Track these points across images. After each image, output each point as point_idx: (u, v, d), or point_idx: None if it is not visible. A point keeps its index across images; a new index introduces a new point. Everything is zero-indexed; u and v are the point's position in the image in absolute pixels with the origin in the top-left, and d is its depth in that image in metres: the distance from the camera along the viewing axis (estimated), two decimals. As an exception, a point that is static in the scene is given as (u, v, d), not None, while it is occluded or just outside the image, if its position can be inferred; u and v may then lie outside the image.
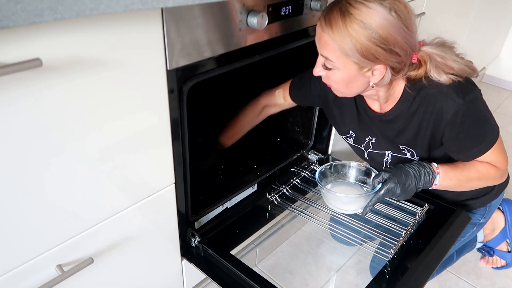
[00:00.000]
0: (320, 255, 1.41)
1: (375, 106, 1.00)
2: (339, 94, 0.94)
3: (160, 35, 0.66)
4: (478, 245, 1.40)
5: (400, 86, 0.92)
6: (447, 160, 0.98)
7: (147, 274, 0.94)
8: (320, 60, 0.87)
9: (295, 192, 1.18)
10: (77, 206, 0.69)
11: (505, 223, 1.36)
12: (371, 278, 0.91)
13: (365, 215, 0.96)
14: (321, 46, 0.84)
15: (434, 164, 0.94)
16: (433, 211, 1.07)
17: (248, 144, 1.38)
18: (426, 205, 1.07)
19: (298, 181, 1.22)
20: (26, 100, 0.54)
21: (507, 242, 1.37)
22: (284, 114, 1.32)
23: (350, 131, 1.10)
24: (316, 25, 1.00)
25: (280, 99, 1.17)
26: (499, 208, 1.39)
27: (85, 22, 0.55)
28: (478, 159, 0.94)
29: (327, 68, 0.86)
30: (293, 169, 1.28)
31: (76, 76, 0.58)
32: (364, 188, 1.05)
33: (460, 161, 0.96)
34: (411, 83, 0.90)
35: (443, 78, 0.86)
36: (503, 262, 1.38)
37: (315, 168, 1.29)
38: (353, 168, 1.08)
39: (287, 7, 0.88)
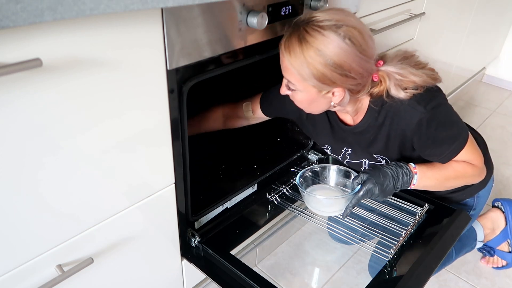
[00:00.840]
0: (320, 255, 1.41)
1: (347, 118, 1.04)
2: (306, 111, 0.98)
3: (160, 35, 0.66)
4: (479, 244, 1.40)
5: (365, 100, 0.96)
6: (424, 160, 1.00)
7: (147, 274, 0.94)
8: (284, 81, 0.91)
9: (295, 192, 1.18)
10: (77, 206, 0.69)
11: (506, 223, 1.36)
12: (370, 278, 0.91)
13: (345, 217, 0.99)
14: (283, 69, 0.88)
15: (412, 164, 0.97)
16: (433, 211, 1.07)
17: (248, 144, 1.38)
18: (426, 205, 1.07)
19: (298, 181, 1.22)
20: (26, 100, 0.54)
21: (508, 242, 1.37)
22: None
23: (326, 144, 1.14)
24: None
25: (248, 112, 1.19)
26: (499, 208, 1.39)
27: (85, 22, 0.55)
28: (453, 159, 0.97)
29: (290, 89, 0.90)
30: (293, 169, 1.28)
31: (76, 76, 0.58)
32: (344, 190, 1.07)
33: (436, 162, 0.99)
34: (374, 98, 0.93)
35: (402, 95, 0.89)
36: (503, 262, 1.38)
37: (315, 168, 1.29)
38: (333, 171, 1.10)
39: (287, 7, 0.88)
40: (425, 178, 0.97)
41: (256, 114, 1.19)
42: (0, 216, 0.59)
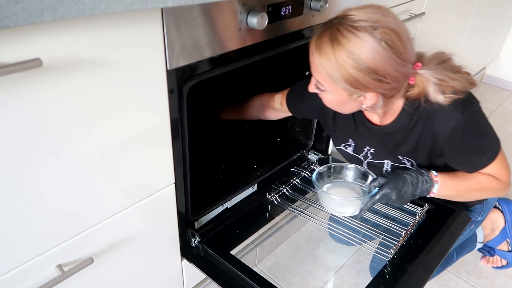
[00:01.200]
0: (320, 255, 1.41)
1: (374, 118, 0.99)
2: (335, 110, 0.95)
3: (160, 35, 0.66)
4: (479, 245, 1.40)
5: (399, 102, 0.91)
6: (448, 168, 0.97)
7: (147, 274, 0.94)
8: (313, 80, 0.88)
9: (295, 192, 1.18)
10: (77, 206, 0.69)
11: (505, 223, 1.36)
12: (371, 278, 0.91)
13: (359, 218, 0.96)
14: (312, 68, 0.85)
15: (433, 172, 0.93)
16: (433, 211, 1.07)
17: (248, 144, 1.38)
18: (426, 205, 1.07)
19: (298, 181, 1.22)
20: (26, 100, 0.54)
21: (507, 241, 1.37)
22: (284, 114, 1.32)
23: (350, 140, 1.09)
24: (315, 25, 1.00)
25: (277, 104, 1.16)
26: (498, 208, 1.39)
27: (85, 22, 0.55)
28: (480, 171, 0.93)
29: (319, 88, 0.87)
30: (293, 169, 1.28)
31: (76, 76, 0.58)
32: (361, 191, 1.05)
33: (461, 172, 0.95)
34: (410, 101, 0.89)
35: (441, 99, 0.84)
36: (504, 262, 1.38)
37: (315, 168, 1.29)
38: (351, 170, 1.07)
39: (287, 7, 0.88)
40: (446, 187, 0.93)
41: (284, 107, 1.15)
42: (0, 216, 0.59)
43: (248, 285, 0.88)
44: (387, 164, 1.04)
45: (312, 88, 0.89)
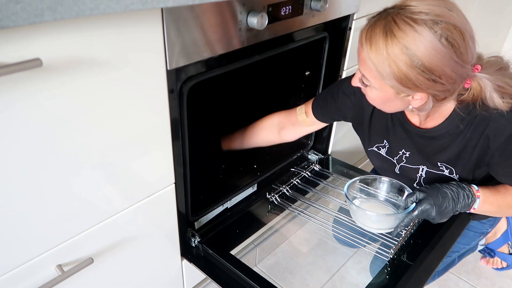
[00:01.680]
0: (320, 255, 1.41)
1: (414, 119, 0.93)
2: (377, 107, 0.88)
3: (160, 35, 0.66)
4: (480, 247, 1.40)
5: (449, 105, 0.84)
6: (487, 179, 0.92)
7: (147, 274, 0.94)
8: (358, 74, 0.82)
9: (295, 192, 1.18)
10: (77, 206, 0.69)
11: (507, 226, 1.36)
12: (371, 278, 0.91)
13: (395, 235, 0.90)
14: (359, 61, 0.78)
15: (474, 187, 0.87)
16: (433, 211, 1.07)
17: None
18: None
19: (298, 181, 1.22)
20: (26, 100, 0.54)
21: (508, 244, 1.37)
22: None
23: (385, 141, 1.01)
24: (316, 25, 1.00)
25: (302, 116, 1.10)
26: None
27: (85, 22, 0.55)
28: None
29: (363, 83, 0.81)
30: (293, 169, 1.28)
31: (76, 76, 0.58)
32: (397, 206, 0.98)
33: (502, 185, 0.89)
34: (463, 105, 0.82)
35: (499, 104, 0.77)
36: (504, 264, 1.38)
37: (315, 168, 1.29)
38: (385, 183, 0.99)
39: (287, 7, 0.88)
40: (488, 203, 0.86)
41: (309, 116, 1.09)
42: (2, 216, 0.59)
43: (248, 285, 0.88)
44: (422, 170, 0.97)
45: (355, 82, 0.83)
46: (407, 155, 0.98)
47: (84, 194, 0.69)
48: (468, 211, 0.88)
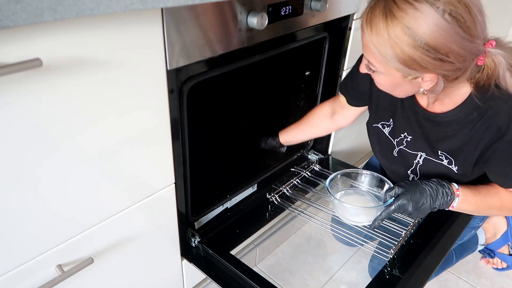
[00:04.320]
0: (320, 255, 1.41)
1: (423, 101, 0.90)
2: (388, 92, 0.86)
3: (160, 35, 0.66)
4: (480, 247, 1.40)
5: (465, 89, 0.81)
6: (481, 178, 0.91)
7: (147, 274, 0.94)
8: (364, 60, 0.80)
9: (295, 192, 1.18)
10: (77, 206, 0.69)
11: (507, 227, 1.36)
12: (371, 278, 0.91)
13: (373, 228, 0.91)
14: (363, 46, 0.76)
15: (455, 185, 0.87)
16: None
17: (248, 144, 1.38)
18: (426, 205, 1.07)
19: (298, 181, 1.22)
20: (26, 100, 0.54)
21: (508, 245, 1.37)
22: (284, 113, 1.32)
23: (391, 119, 0.98)
24: (316, 25, 1.00)
25: (343, 99, 1.10)
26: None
27: (85, 22, 0.55)
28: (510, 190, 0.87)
29: (370, 69, 0.79)
30: (293, 169, 1.28)
31: (76, 76, 0.58)
32: (377, 200, 1.00)
33: (484, 186, 0.89)
34: (479, 90, 0.79)
35: (510, 85, 0.74)
36: (504, 265, 1.38)
37: (315, 168, 1.29)
38: (367, 177, 1.02)
39: (287, 7, 0.88)
40: (467, 203, 0.86)
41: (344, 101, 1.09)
42: (2, 216, 0.59)
43: (248, 285, 0.88)
44: (421, 157, 0.95)
45: (363, 69, 0.82)
46: (409, 139, 0.96)
47: (84, 194, 0.69)
48: (446, 209, 0.88)
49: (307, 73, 1.22)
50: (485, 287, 1.34)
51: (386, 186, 0.97)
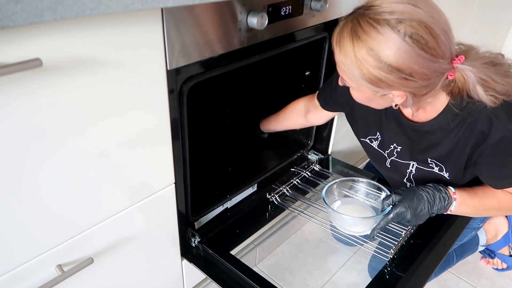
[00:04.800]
0: (320, 255, 1.41)
1: (407, 111, 0.92)
2: (364, 104, 0.88)
3: (160, 35, 0.66)
4: (480, 248, 1.40)
5: (442, 98, 0.83)
6: (474, 181, 0.92)
7: (147, 274, 0.94)
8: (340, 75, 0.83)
9: (295, 192, 1.18)
10: (77, 206, 0.69)
11: (508, 228, 1.36)
12: (371, 278, 0.91)
13: (372, 237, 0.91)
14: (336, 63, 0.79)
15: (451, 189, 0.87)
16: (433, 211, 1.07)
17: (248, 144, 1.38)
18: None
19: (298, 181, 1.22)
20: (25, 100, 0.54)
21: (509, 246, 1.37)
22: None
23: (378, 133, 1.01)
24: (316, 25, 1.00)
25: (317, 101, 1.12)
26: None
27: (85, 22, 0.55)
28: (507, 189, 0.87)
29: (344, 84, 0.82)
30: (293, 169, 1.28)
31: (76, 76, 0.58)
32: (374, 208, 0.99)
33: (481, 188, 0.90)
34: (455, 99, 0.81)
35: (483, 97, 0.75)
36: (504, 265, 1.38)
37: (315, 168, 1.29)
38: (364, 185, 1.01)
39: (287, 7, 0.88)
40: (464, 205, 0.87)
41: (318, 105, 1.12)
42: (3, 216, 0.59)
43: (248, 285, 0.88)
44: (413, 166, 0.97)
45: (340, 82, 0.84)
46: (398, 149, 0.97)
47: (84, 194, 0.69)
48: (445, 213, 0.88)
49: (307, 73, 1.22)
50: (485, 287, 1.34)
51: (383, 194, 0.96)
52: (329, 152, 1.37)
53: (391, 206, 0.87)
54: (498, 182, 0.86)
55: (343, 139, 1.40)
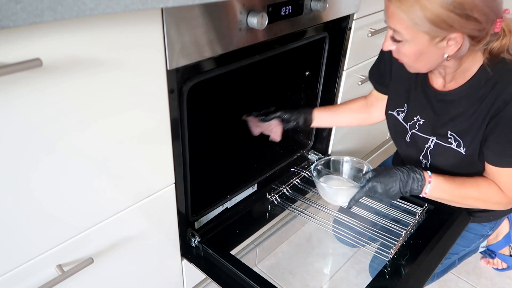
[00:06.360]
0: (320, 255, 1.41)
1: (438, 83, 0.92)
2: (411, 70, 0.87)
3: (160, 35, 0.66)
4: (481, 249, 1.40)
5: (476, 62, 0.83)
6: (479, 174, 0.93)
7: (147, 274, 0.94)
8: (388, 33, 0.82)
9: (295, 192, 1.18)
10: (77, 206, 0.69)
11: (509, 229, 1.36)
12: (371, 278, 0.91)
13: (349, 208, 0.96)
14: (388, 16, 0.78)
15: (428, 172, 0.90)
16: (433, 211, 1.07)
17: (248, 144, 1.38)
18: (426, 205, 1.07)
19: (298, 181, 1.22)
20: (26, 100, 0.54)
21: (510, 246, 1.37)
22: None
23: (405, 104, 1.01)
24: (316, 25, 1.00)
25: (375, 91, 1.14)
26: (504, 214, 1.38)
27: (85, 22, 0.55)
28: (496, 173, 0.87)
29: (396, 41, 0.80)
30: (293, 169, 1.28)
31: (76, 76, 0.58)
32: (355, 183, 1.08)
33: (461, 177, 0.91)
34: (492, 59, 0.81)
35: None
36: (504, 265, 1.38)
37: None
38: (349, 162, 1.10)
39: (287, 7, 0.88)
40: (439, 190, 0.89)
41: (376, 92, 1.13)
42: (2, 216, 0.59)
43: (248, 285, 0.88)
44: (432, 141, 0.97)
45: (386, 46, 0.83)
46: (421, 122, 0.98)
47: (84, 194, 0.69)
48: (420, 195, 0.91)
49: (307, 73, 1.22)
50: (485, 287, 1.34)
51: (365, 168, 1.05)
52: (329, 152, 1.37)
53: (367, 179, 0.93)
54: (498, 159, 0.86)
55: (343, 139, 1.40)
